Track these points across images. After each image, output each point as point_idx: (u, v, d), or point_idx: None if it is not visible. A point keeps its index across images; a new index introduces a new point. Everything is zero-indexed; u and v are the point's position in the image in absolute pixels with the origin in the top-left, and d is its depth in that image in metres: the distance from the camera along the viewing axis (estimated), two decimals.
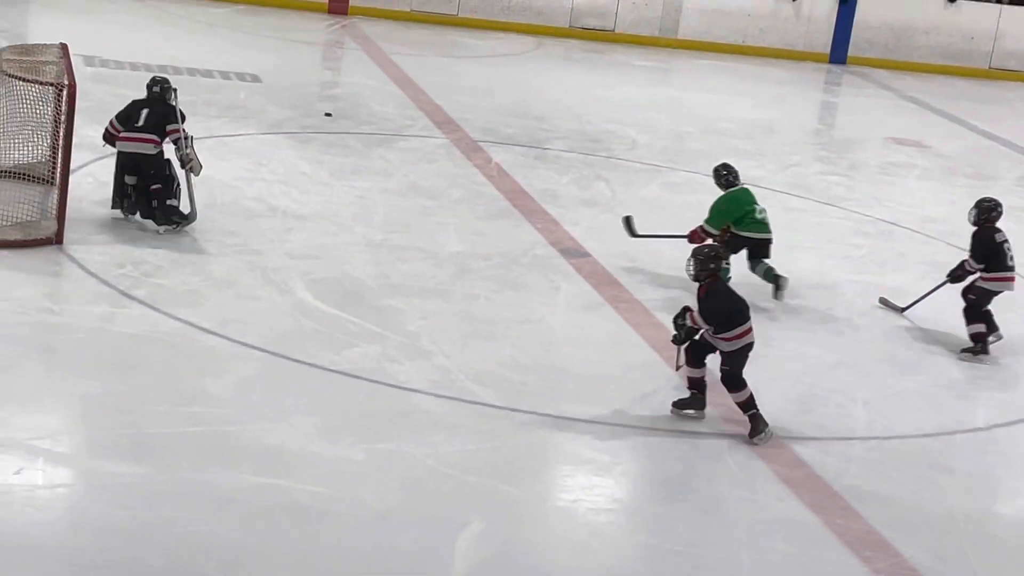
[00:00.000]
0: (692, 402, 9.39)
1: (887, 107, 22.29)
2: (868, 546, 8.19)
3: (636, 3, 24.43)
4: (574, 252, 12.48)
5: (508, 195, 13.85)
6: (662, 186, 15.29)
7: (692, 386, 9.38)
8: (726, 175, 11.86)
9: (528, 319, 10.78)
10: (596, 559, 7.78)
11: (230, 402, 8.86)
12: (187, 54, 18.36)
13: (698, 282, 9.28)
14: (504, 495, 8.23)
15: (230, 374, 9.24)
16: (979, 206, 11.46)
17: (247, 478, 7.90)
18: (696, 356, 9.31)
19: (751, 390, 9.17)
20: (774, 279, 11.70)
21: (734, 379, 9.17)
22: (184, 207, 11.57)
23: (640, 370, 9.56)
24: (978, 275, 11.31)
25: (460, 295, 11.21)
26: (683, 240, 11.76)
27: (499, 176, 13.93)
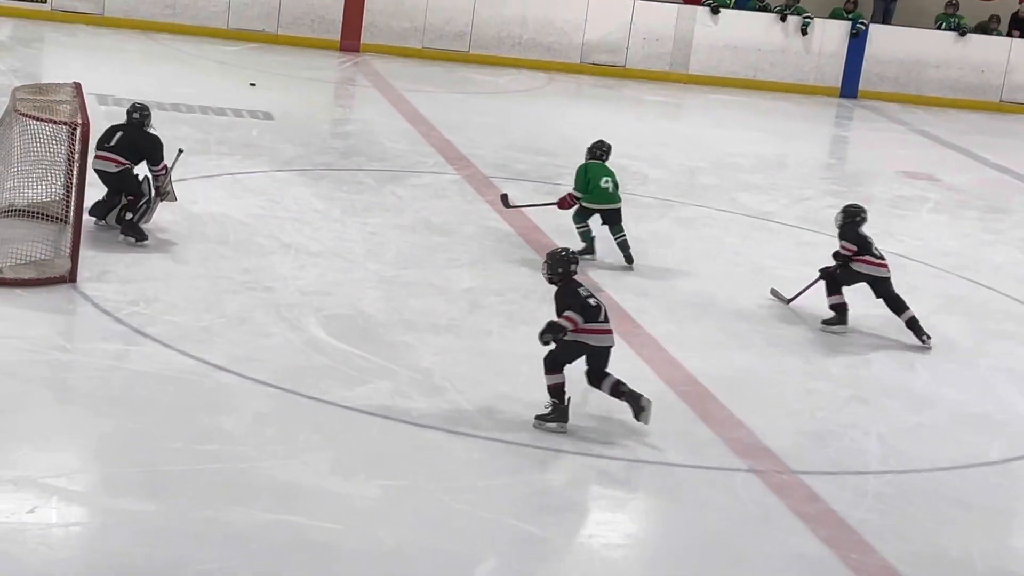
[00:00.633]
0: (555, 415, 9.42)
1: (898, 141, 22.30)
2: None
3: (647, 39, 24.49)
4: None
5: (520, 230, 13.87)
6: (673, 221, 15.29)
7: (553, 395, 9.42)
8: (594, 151, 13.22)
9: (541, 354, 10.75)
10: None
11: (244, 439, 8.85)
12: (200, 92, 18.46)
13: (552, 284, 9.60)
14: (519, 531, 8.21)
15: (243, 411, 9.24)
16: (845, 211, 12.20)
17: (261, 515, 7.89)
18: (555, 363, 9.43)
19: (566, 378, 9.34)
20: (625, 252, 13.01)
21: (555, 364, 9.37)
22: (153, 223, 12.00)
23: (653, 406, 9.53)
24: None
25: (472, 331, 11.21)
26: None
27: (511, 212, 13.94)
